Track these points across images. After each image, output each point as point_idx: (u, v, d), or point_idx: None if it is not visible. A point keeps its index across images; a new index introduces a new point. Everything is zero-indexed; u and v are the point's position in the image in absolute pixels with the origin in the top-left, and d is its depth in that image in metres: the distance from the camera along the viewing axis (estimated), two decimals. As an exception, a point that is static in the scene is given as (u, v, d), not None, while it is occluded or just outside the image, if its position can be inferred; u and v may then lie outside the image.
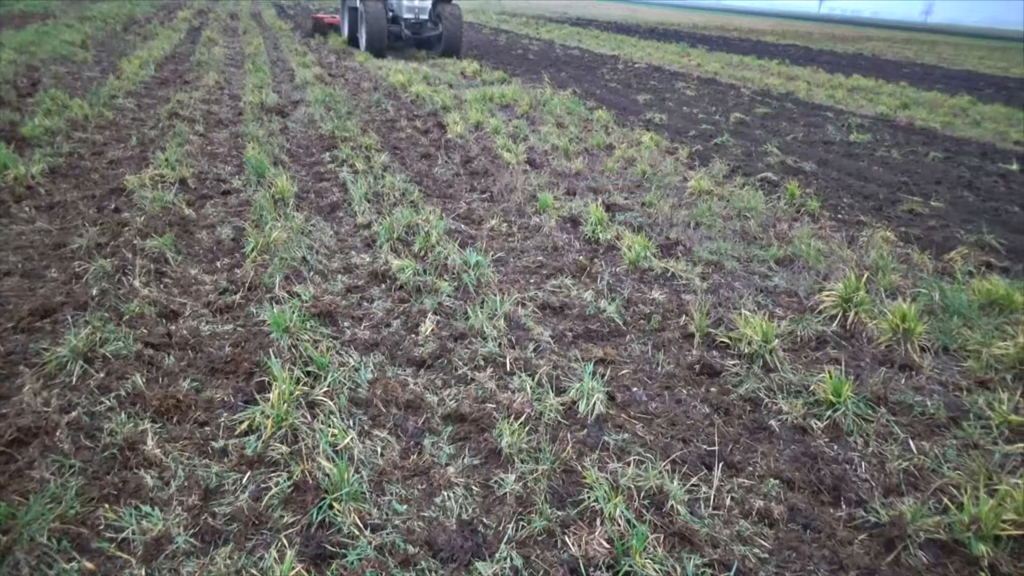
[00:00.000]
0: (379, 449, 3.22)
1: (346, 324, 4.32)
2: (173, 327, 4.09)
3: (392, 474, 3.07)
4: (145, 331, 3.96)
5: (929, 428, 3.67)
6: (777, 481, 3.18)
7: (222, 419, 3.33)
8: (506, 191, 7.13)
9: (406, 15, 17.79)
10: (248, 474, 2.98)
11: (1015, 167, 10.21)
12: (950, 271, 5.82)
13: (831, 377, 3.79)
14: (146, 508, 2.73)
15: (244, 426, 3.25)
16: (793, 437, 3.53)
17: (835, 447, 3.46)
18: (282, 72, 13.85)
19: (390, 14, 18.20)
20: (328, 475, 2.92)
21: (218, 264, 5.01)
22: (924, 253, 6.13)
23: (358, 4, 17.97)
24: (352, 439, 3.20)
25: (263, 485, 2.92)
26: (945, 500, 3.07)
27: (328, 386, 3.58)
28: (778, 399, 3.79)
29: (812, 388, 3.85)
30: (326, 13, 25.03)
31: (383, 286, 4.87)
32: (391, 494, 2.95)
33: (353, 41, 19.12)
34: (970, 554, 2.79)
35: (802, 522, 2.94)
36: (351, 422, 3.37)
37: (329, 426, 3.27)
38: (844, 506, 3.07)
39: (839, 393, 3.69)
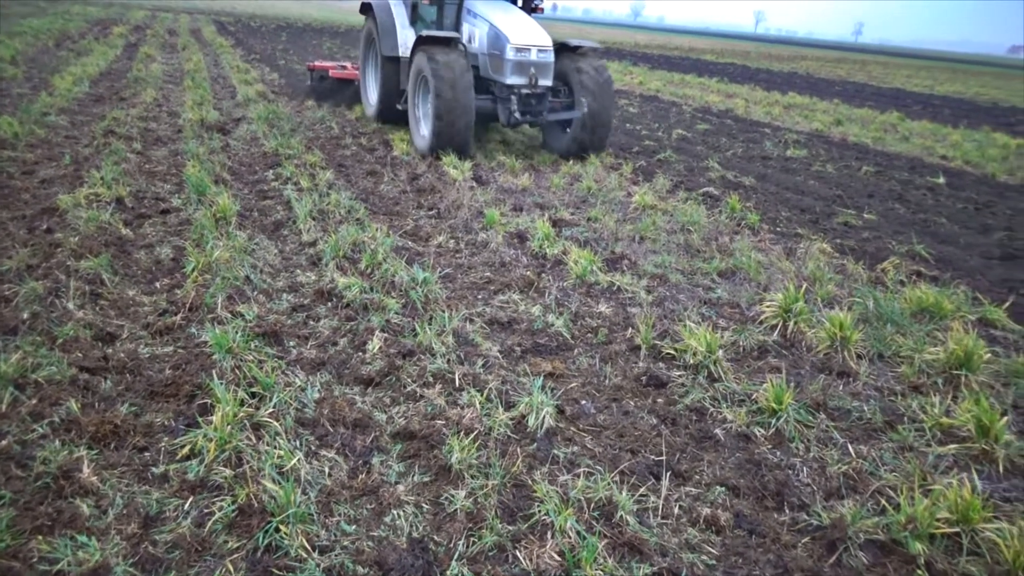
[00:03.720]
0: (327, 469, 3.17)
1: (292, 343, 4.25)
2: (110, 350, 3.96)
3: (340, 494, 3.02)
4: (80, 355, 3.83)
5: (866, 432, 3.80)
6: (723, 488, 3.24)
7: (162, 444, 3.23)
8: (453, 208, 7.14)
9: (512, 78, 9.02)
10: (190, 499, 2.90)
11: (942, 180, 10.68)
12: (883, 281, 6.04)
13: (773, 385, 3.88)
14: (82, 538, 2.63)
15: (186, 450, 3.16)
16: (738, 445, 3.60)
17: (778, 453, 3.54)
18: (223, 89, 13.63)
19: (473, 69, 9.47)
20: (274, 497, 2.86)
21: (157, 285, 4.88)
22: (858, 264, 6.35)
23: (406, 53, 9.91)
24: (299, 460, 3.14)
25: (206, 510, 2.84)
26: (883, 501, 3.17)
27: (273, 407, 3.51)
28: (723, 408, 3.87)
29: (755, 397, 3.94)
30: (330, 62, 15.20)
31: (329, 304, 4.82)
32: (339, 515, 2.91)
33: (387, 114, 10.72)
34: (907, 553, 2.88)
35: (747, 528, 3.00)
36: (298, 443, 3.31)
37: (275, 448, 3.21)
38: (787, 510, 3.14)
39: (781, 401, 3.78)
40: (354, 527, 2.85)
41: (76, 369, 3.68)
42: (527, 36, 9.05)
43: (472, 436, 3.37)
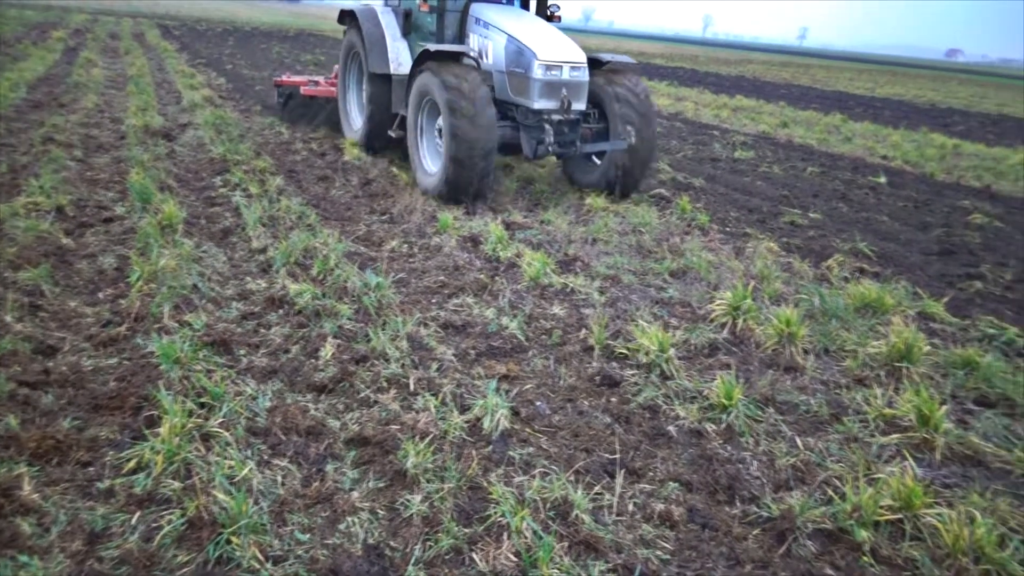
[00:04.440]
0: (279, 478, 3.12)
1: (242, 352, 4.18)
2: (51, 363, 3.84)
3: (294, 503, 2.98)
4: (19, 369, 3.71)
5: (813, 425, 3.89)
6: (676, 484, 3.29)
7: (107, 458, 3.14)
8: (406, 212, 7.11)
9: (541, 102, 7.44)
10: (138, 514, 2.82)
11: (883, 180, 11.01)
12: (828, 277, 6.20)
13: (723, 382, 3.96)
14: (23, 558, 2.55)
15: (132, 464, 3.08)
16: (690, 441, 3.66)
17: (729, 448, 3.61)
18: (168, 94, 13.34)
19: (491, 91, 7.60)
20: (225, 508, 2.81)
21: (100, 295, 4.75)
22: (804, 261, 6.51)
23: (400, 70, 8.59)
24: (250, 470, 3.09)
25: (154, 524, 2.78)
26: (829, 491, 3.26)
27: (224, 417, 3.45)
28: (675, 405, 3.93)
29: (706, 393, 4.01)
30: (299, 76, 12.64)
31: (281, 311, 4.75)
32: (293, 524, 2.87)
33: (376, 141, 9.19)
34: (853, 540, 2.97)
35: (700, 522, 3.05)
36: (249, 452, 3.26)
37: (225, 458, 3.15)
38: (739, 503, 3.21)
39: (731, 397, 3.86)
40: (308, 536, 2.82)
41: (15, 384, 3.56)
42: (557, 51, 7.46)
43: (427, 440, 3.36)
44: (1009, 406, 4.23)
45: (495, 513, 2.93)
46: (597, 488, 3.18)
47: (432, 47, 7.57)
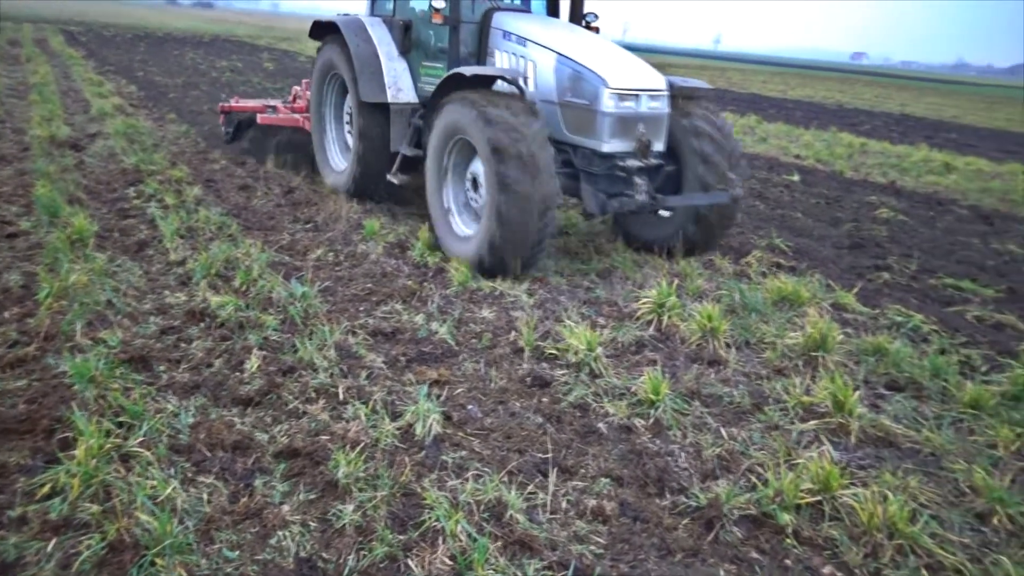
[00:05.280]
0: (205, 496, 3.03)
1: (162, 368, 4.04)
2: (-47, 388, 3.63)
3: (221, 520, 2.90)
4: (-83, 395, 3.49)
5: (737, 415, 4.03)
6: (608, 479, 3.35)
7: (19, 484, 2.99)
8: (331, 220, 7.00)
9: (612, 143, 5.82)
10: (54, 541, 2.69)
11: (796, 178, 11.47)
12: (747, 273, 6.42)
13: (650, 378, 4.06)
14: (-74, 595, 2.40)
15: (46, 489, 2.93)
16: (620, 437, 3.73)
17: (657, 442, 3.70)
18: (75, 103, 12.76)
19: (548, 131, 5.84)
20: (148, 530, 2.71)
21: (6, 314, 4.51)
22: (724, 258, 6.72)
23: (399, 97, 7.11)
24: (174, 489, 2.99)
25: (72, 550, 2.66)
26: (753, 479, 3.38)
27: (144, 435, 3.33)
28: (604, 403, 4.00)
29: (634, 389, 4.10)
30: (252, 100, 10.46)
31: (202, 325, 4.61)
32: (221, 541, 2.79)
33: (369, 187, 7.55)
34: (777, 524, 3.08)
35: (632, 515, 3.12)
36: (172, 471, 3.16)
37: (147, 478, 3.04)
38: (668, 495, 3.29)
39: (658, 392, 3.96)
40: (237, 553, 2.75)
41: (-88, 411, 3.35)
42: (631, 75, 5.87)
43: (359, 449, 3.32)
44: (917, 389, 4.48)
45: (429, 518, 2.93)
46: (530, 487, 3.21)
47: (468, 70, 5.92)
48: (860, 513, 3.09)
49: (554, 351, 4.53)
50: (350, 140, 7.74)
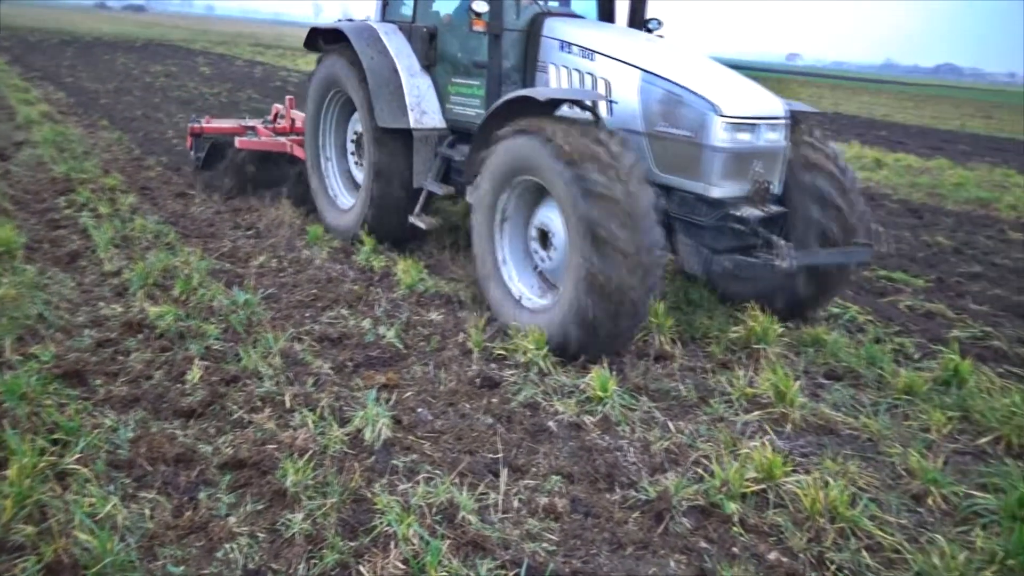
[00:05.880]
0: (147, 511, 2.95)
1: (98, 382, 3.91)
2: None
3: (165, 536, 2.82)
4: None
5: (683, 409, 4.10)
6: (559, 477, 3.37)
7: (-54, 508, 2.85)
8: (273, 226, 6.88)
9: (723, 186, 4.60)
10: (-15, 565, 2.59)
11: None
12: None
13: (598, 375, 4.10)
14: None
15: (-25, 512, 2.81)
16: (570, 434, 3.76)
17: (607, 438, 3.74)
18: None
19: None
20: (87, 549, 2.62)
21: (-71, 331, 4.31)
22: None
23: (424, 123, 6.01)
24: (114, 505, 2.90)
25: (6, 574, 2.55)
26: (700, 470, 3.44)
27: (81, 452, 3.21)
28: (554, 401, 4.03)
29: (583, 387, 4.13)
30: (228, 120, 9.01)
31: (140, 336, 4.48)
32: (165, 557, 2.71)
33: (386, 230, 6.35)
34: (724, 513, 3.15)
35: (583, 511, 3.15)
36: (112, 487, 3.06)
37: (85, 496, 2.94)
38: (618, 489, 3.33)
39: (606, 388, 4.00)
40: (182, 568, 2.67)
41: None
42: (748, 100, 4.75)
43: (307, 457, 3.27)
44: (854, 378, 4.63)
45: (381, 523, 2.90)
46: (482, 488, 3.21)
47: (540, 93, 4.83)
48: (803, 499, 3.17)
49: (503, 351, 4.54)
50: (355, 172, 6.80)
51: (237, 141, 7.80)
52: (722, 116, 4.49)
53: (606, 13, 6.54)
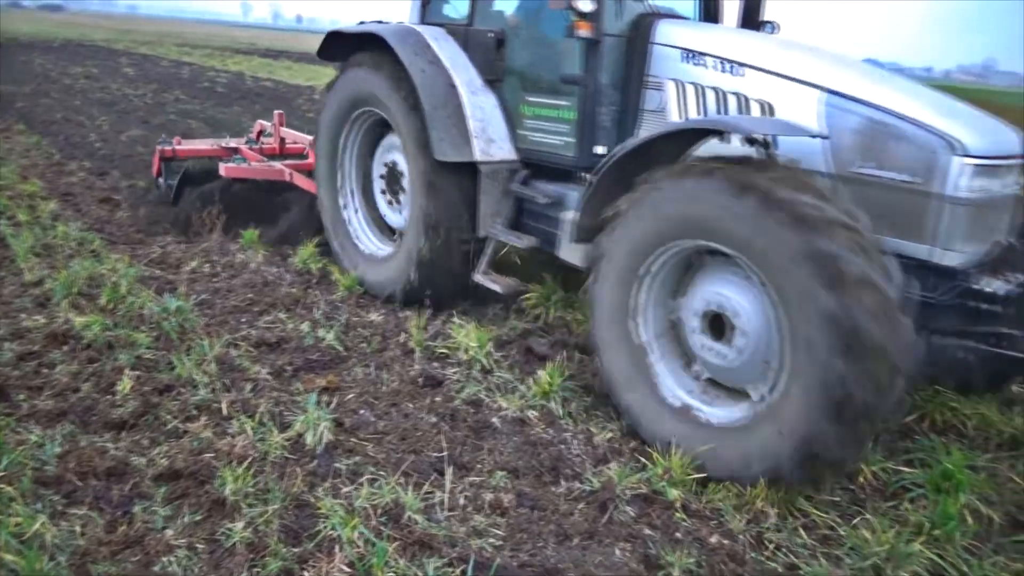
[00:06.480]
0: (78, 528, 2.84)
1: (21, 397, 3.74)
2: None
3: (98, 552, 2.72)
4: None
5: (625, 400, 4.15)
6: (504, 472, 3.38)
7: None
8: (204, 230, 6.69)
9: (963, 250, 3.37)
10: (-99, 594, 2.45)
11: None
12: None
13: (544, 370, 4.13)
14: None
15: None
16: (514, 430, 3.78)
17: (551, 431, 3.77)
18: (-95, 116, 11.61)
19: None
20: (15, 570, 2.51)
21: None
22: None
23: (492, 154, 4.70)
24: (43, 523, 2.78)
25: (-76, 602, 2.43)
26: (642, 459, 3.50)
27: (4, 470, 3.07)
28: (497, 397, 4.04)
29: (526, 382, 4.15)
30: (206, 142, 7.82)
31: (65, 348, 4.30)
32: (99, 574, 2.62)
33: (433, 293, 5.07)
34: (666, 500, 3.22)
35: (529, 504, 3.17)
36: (40, 505, 2.93)
37: (10, 515, 2.81)
38: (563, 482, 3.36)
39: (551, 383, 4.03)
40: (118, 584, 2.59)
41: None
42: (989, 134, 3.56)
43: (246, 464, 3.21)
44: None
45: (325, 527, 2.86)
46: (427, 487, 3.20)
47: (728, 124, 3.58)
48: (741, 484, 3.26)
49: (445, 350, 4.52)
50: (386, 211, 5.53)
51: (222, 168, 6.59)
52: (965, 157, 3.30)
53: (711, 13, 5.32)
